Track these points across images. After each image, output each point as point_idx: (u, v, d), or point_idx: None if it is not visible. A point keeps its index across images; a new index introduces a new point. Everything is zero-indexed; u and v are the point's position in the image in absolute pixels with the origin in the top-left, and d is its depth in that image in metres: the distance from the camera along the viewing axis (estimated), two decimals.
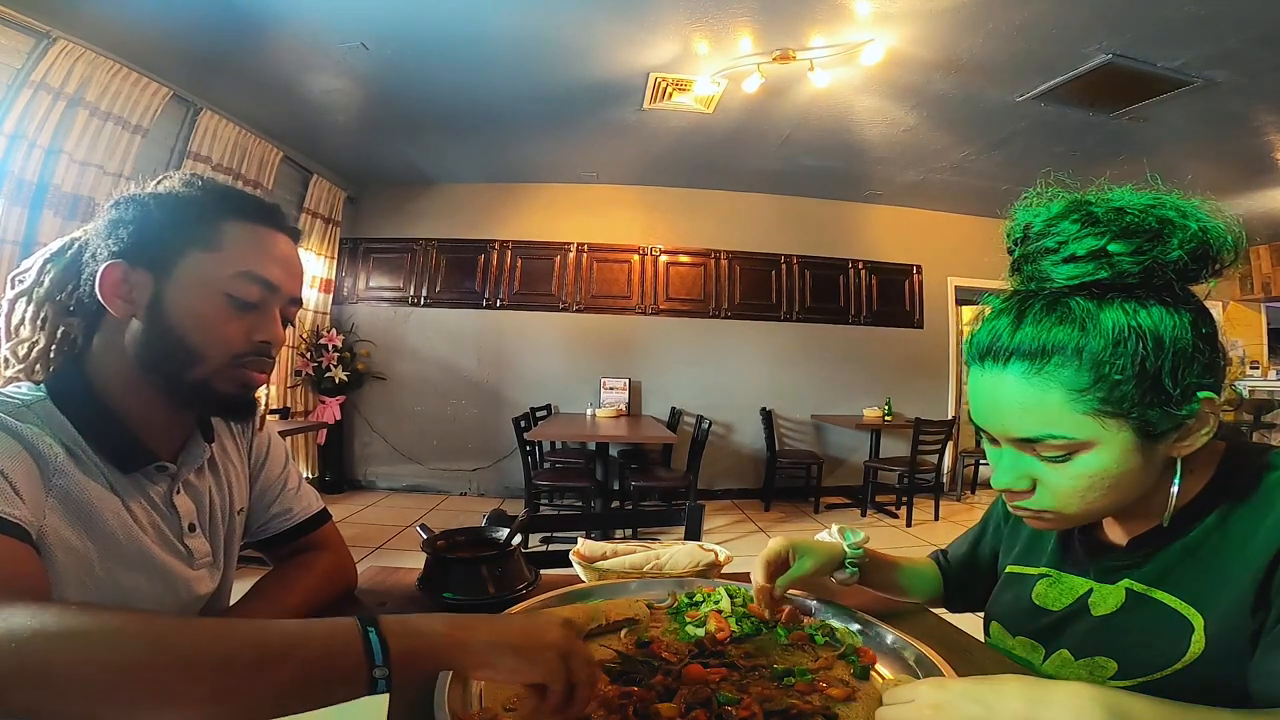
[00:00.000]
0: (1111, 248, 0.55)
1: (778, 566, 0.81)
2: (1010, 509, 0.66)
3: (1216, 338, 0.56)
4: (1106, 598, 0.66)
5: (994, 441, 0.64)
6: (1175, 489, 0.59)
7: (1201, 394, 0.55)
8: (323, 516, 0.96)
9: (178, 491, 0.75)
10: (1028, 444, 0.59)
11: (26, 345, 0.69)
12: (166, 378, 0.69)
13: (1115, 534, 0.69)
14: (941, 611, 0.90)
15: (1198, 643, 0.57)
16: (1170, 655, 0.58)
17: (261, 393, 0.80)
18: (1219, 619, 0.56)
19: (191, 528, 0.77)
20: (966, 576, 0.94)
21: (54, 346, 0.70)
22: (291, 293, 0.76)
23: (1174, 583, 0.61)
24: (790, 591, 0.83)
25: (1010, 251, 0.65)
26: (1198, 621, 0.57)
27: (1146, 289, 0.55)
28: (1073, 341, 0.55)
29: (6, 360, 0.70)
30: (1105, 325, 0.54)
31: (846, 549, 0.84)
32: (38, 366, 0.69)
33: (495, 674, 0.51)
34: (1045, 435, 0.57)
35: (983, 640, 0.83)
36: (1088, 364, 0.54)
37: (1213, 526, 0.59)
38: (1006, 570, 0.82)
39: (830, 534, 0.89)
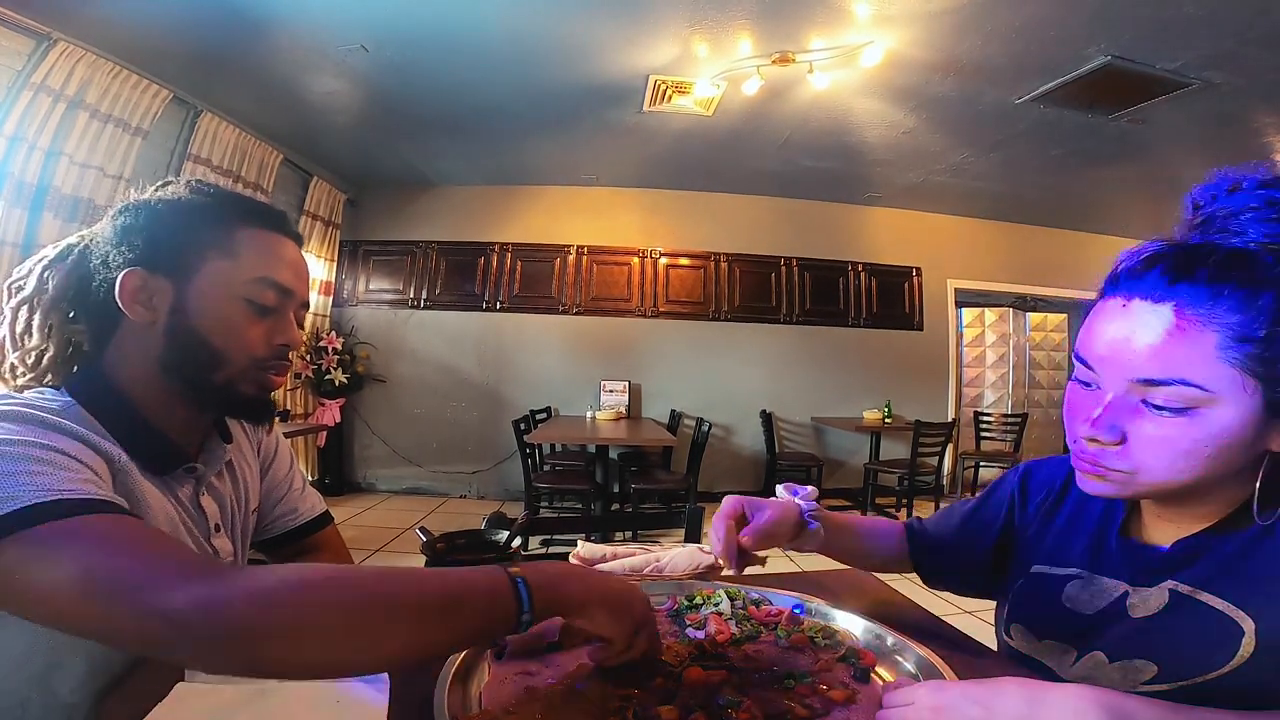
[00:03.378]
0: None
1: (738, 520, 0.81)
2: (1079, 461, 0.62)
3: None
4: (1147, 600, 0.64)
5: (1088, 384, 0.61)
6: None
7: None
8: (326, 518, 0.98)
9: (203, 493, 0.76)
10: (1147, 387, 0.55)
11: (35, 353, 0.70)
12: (190, 381, 0.71)
13: (1157, 536, 0.67)
14: (942, 612, 0.90)
15: (1248, 646, 0.55)
16: (1217, 658, 0.56)
17: (275, 394, 0.82)
18: (1272, 623, 0.55)
19: (217, 528, 0.78)
20: (944, 551, 0.90)
21: (61, 354, 0.71)
22: (303, 296, 0.79)
23: (1222, 585, 0.59)
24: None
25: (1198, 207, 0.61)
26: (1248, 625, 0.56)
27: None
28: (1255, 287, 0.52)
29: (14, 368, 0.71)
30: None
31: (801, 504, 0.83)
32: (49, 375, 0.71)
33: (587, 623, 0.59)
34: (1176, 380, 0.53)
35: (999, 642, 0.81)
36: (1263, 313, 0.51)
37: (1265, 529, 0.58)
38: (1032, 570, 0.79)
39: (781, 492, 0.88)
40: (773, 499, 0.85)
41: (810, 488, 0.86)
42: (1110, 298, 0.59)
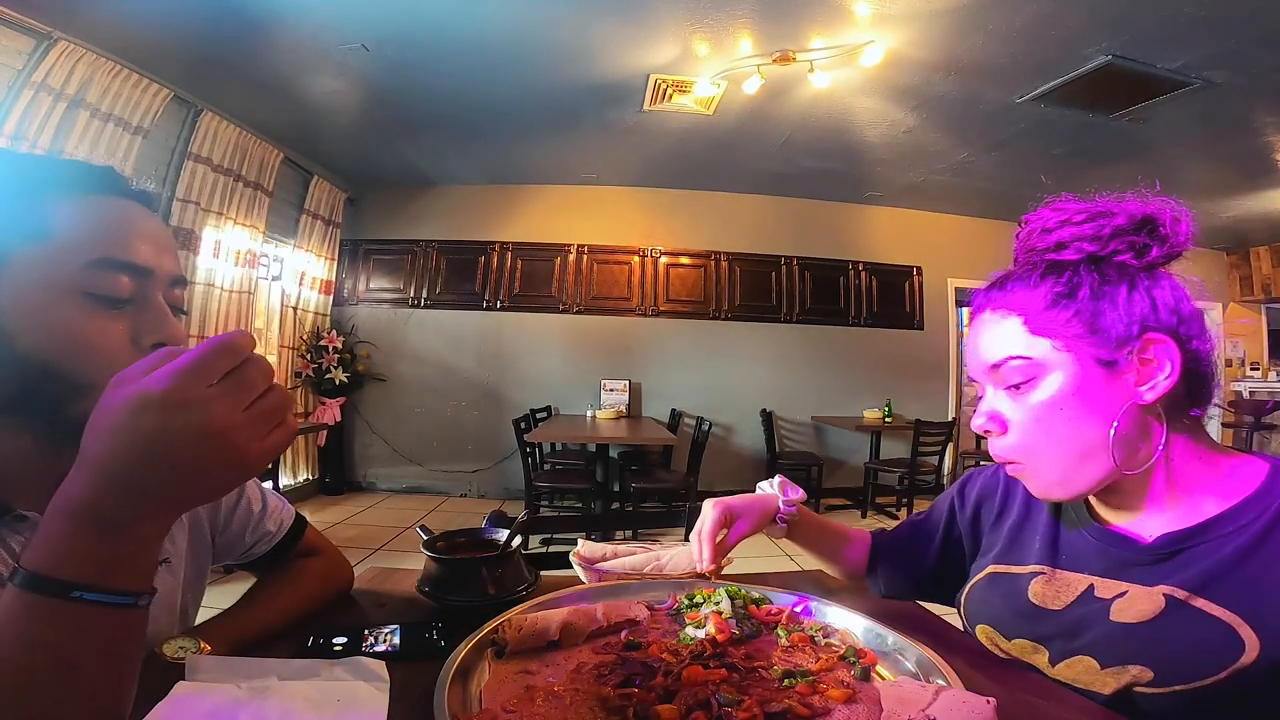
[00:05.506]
0: (1077, 217, 0.68)
1: (719, 534, 0.87)
2: (995, 459, 0.71)
3: (1180, 302, 0.64)
4: (1135, 602, 0.64)
5: (980, 398, 0.72)
6: (1160, 441, 0.63)
7: (1151, 333, 0.62)
8: (300, 526, 0.92)
9: None
10: (997, 372, 0.68)
11: None
12: (40, 417, 0.54)
13: (1137, 529, 0.67)
14: (942, 611, 0.90)
15: (1250, 653, 0.55)
16: (1216, 664, 0.56)
17: None
18: (1275, 631, 0.55)
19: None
20: (898, 561, 0.96)
21: None
22: (170, 271, 0.60)
23: (1219, 592, 0.59)
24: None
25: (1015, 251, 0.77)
26: (1247, 632, 0.56)
27: (1105, 263, 0.66)
28: (1035, 277, 0.67)
29: None
30: (1063, 267, 0.67)
31: (781, 505, 0.93)
32: None
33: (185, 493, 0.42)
34: (1005, 355, 0.67)
35: (983, 650, 0.80)
36: (1044, 295, 0.66)
37: (1262, 536, 0.58)
38: (989, 571, 0.80)
39: (770, 486, 0.95)
40: (756, 496, 0.95)
41: (801, 492, 0.95)
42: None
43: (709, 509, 0.84)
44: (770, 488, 0.95)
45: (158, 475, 0.39)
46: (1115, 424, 0.62)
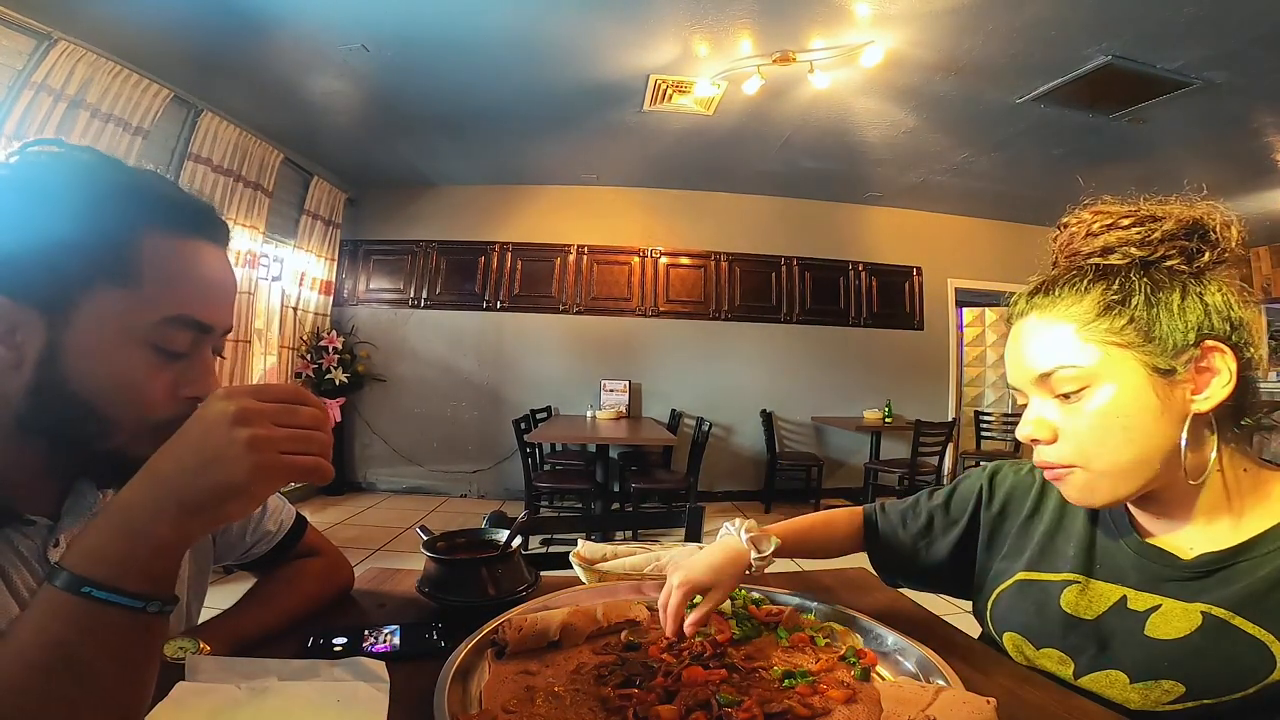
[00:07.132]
0: (1123, 222, 0.66)
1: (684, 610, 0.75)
2: (1039, 466, 0.69)
3: (1230, 308, 0.63)
4: (1171, 619, 0.63)
5: (1024, 406, 0.70)
6: (1187, 445, 0.60)
7: (1209, 341, 0.60)
8: (300, 526, 0.92)
9: (54, 544, 0.57)
10: (1045, 381, 0.65)
11: None
12: (65, 446, 0.54)
13: (1178, 543, 0.67)
14: (942, 612, 0.90)
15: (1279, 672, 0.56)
16: (1247, 680, 0.57)
17: None
18: None
19: None
20: (902, 548, 0.93)
21: None
22: (228, 325, 0.60)
23: (1257, 611, 0.59)
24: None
25: (1053, 254, 0.75)
26: None
27: (1155, 267, 0.65)
28: (1084, 283, 0.65)
29: None
30: (1113, 273, 0.65)
31: (753, 561, 0.81)
32: None
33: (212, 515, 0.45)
34: (1057, 365, 0.64)
35: (983, 650, 0.80)
36: (1094, 298, 0.64)
37: None
38: (1019, 578, 0.79)
39: (734, 529, 0.84)
40: (723, 555, 0.80)
41: (773, 545, 0.83)
42: (1010, 325, 0.73)
43: (675, 590, 0.72)
44: (734, 530, 0.84)
45: (195, 481, 0.43)
46: (1185, 435, 0.60)
